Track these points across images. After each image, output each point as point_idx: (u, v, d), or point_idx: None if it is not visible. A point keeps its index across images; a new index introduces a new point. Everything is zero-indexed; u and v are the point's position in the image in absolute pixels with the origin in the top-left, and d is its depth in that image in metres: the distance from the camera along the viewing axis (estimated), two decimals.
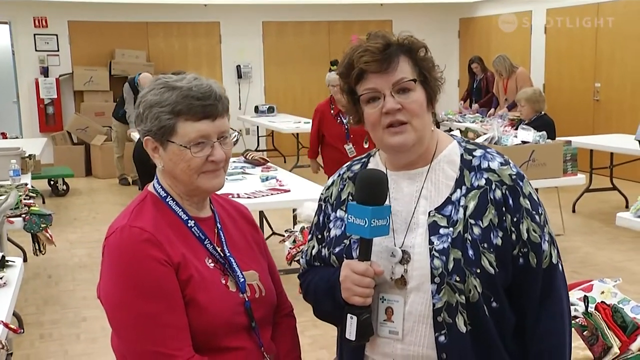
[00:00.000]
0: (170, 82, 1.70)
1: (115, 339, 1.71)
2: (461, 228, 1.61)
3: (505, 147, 5.49)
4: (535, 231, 1.64)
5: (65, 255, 6.59)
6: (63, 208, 8.66)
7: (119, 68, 11.18)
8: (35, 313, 5.17)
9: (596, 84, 10.01)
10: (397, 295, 1.65)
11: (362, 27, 11.77)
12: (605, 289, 2.67)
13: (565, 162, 5.77)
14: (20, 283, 3.35)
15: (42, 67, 11.21)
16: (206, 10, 11.72)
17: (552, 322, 1.66)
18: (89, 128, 10.84)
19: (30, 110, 11.28)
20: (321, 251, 1.80)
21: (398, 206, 1.69)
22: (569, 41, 10.42)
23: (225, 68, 12.14)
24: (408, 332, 1.64)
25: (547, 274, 1.65)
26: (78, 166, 10.60)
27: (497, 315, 1.61)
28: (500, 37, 11.65)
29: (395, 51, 1.63)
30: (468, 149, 1.71)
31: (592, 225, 7.36)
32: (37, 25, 11.17)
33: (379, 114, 1.63)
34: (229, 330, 1.71)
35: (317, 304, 1.80)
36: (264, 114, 11.55)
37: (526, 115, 6.87)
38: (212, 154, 1.70)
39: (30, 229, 4.55)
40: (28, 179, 5.88)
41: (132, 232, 1.66)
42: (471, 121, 9.63)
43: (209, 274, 1.72)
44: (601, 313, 2.39)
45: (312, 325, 4.37)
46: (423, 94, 1.66)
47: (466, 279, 1.58)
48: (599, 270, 5.74)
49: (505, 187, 1.64)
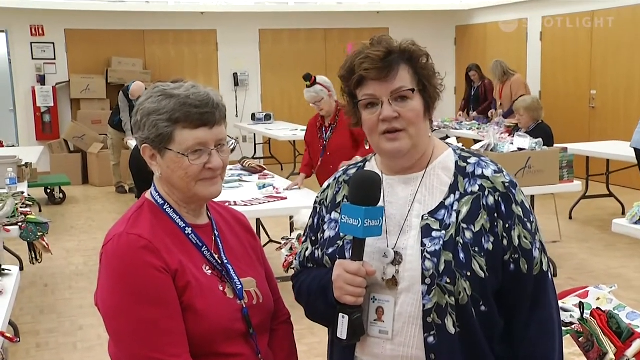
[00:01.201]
0: (168, 90, 1.71)
1: (113, 346, 1.71)
2: (453, 231, 1.64)
3: (502, 154, 5.47)
4: (527, 238, 1.66)
5: (61, 264, 6.58)
6: (60, 216, 8.64)
7: (115, 76, 11.16)
8: (32, 322, 5.15)
9: (592, 91, 10.03)
10: (388, 295, 1.67)
11: (358, 35, 11.78)
12: (600, 295, 2.68)
13: (561, 169, 5.76)
14: (17, 292, 3.34)
15: (39, 75, 11.19)
16: (203, 18, 11.72)
17: (541, 327, 1.68)
18: (86, 136, 10.83)
19: (27, 118, 11.26)
20: (314, 253, 1.83)
21: (392, 209, 1.72)
22: (564, 48, 10.45)
23: (222, 76, 12.14)
24: (398, 332, 1.66)
25: (538, 280, 1.68)
26: (75, 174, 10.59)
27: (485, 318, 1.64)
28: (497, 45, 11.67)
29: (396, 59, 1.65)
30: (463, 157, 1.74)
31: (589, 231, 7.37)
32: (34, 33, 11.16)
33: (377, 120, 1.67)
34: (227, 336, 1.72)
35: (309, 304, 1.82)
36: (261, 122, 11.55)
37: (525, 124, 6.87)
38: (210, 162, 1.71)
39: (26, 237, 4.53)
40: (25, 187, 5.86)
41: (129, 239, 1.67)
42: (468, 128, 9.65)
43: (206, 280, 1.72)
44: (597, 319, 2.40)
45: (309, 333, 4.41)
46: (421, 102, 1.68)
47: (456, 281, 1.60)
48: (595, 277, 5.74)
49: (498, 194, 1.67)
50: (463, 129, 9.68)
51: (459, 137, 9.06)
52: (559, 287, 2.35)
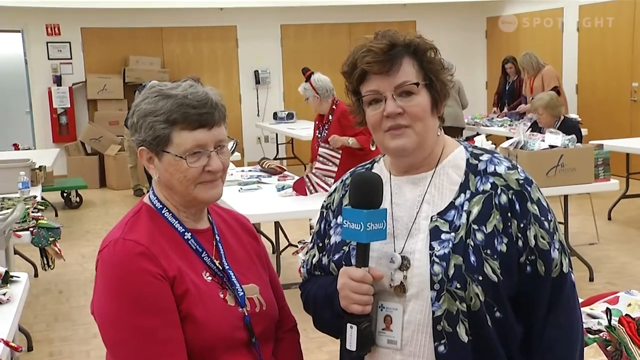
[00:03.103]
0: (165, 90, 1.70)
1: (109, 356, 1.69)
2: (463, 233, 1.59)
3: (532, 152, 5.33)
4: (544, 238, 1.60)
5: (77, 270, 6.50)
6: (76, 220, 8.59)
7: (133, 75, 11.01)
8: (46, 330, 5.09)
9: (633, 84, 9.63)
10: (395, 303, 1.63)
11: (385, 29, 11.37)
12: (632, 301, 2.57)
13: (596, 167, 5.54)
14: (27, 299, 3.28)
15: (55, 76, 11.08)
16: (222, 14, 11.52)
17: (559, 332, 1.61)
18: (103, 138, 10.74)
19: (44, 120, 11.19)
20: (322, 260, 1.80)
21: (400, 212, 1.68)
22: (603, 39, 10.03)
23: (243, 73, 11.94)
24: (407, 341, 1.62)
25: (557, 283, 1.61)
26: (92, 177, 10.52)
27: (500, 325, 1.58)
28: (530, 36, 11.28)
29: (400, 52, 1.62)
30: (474, 154, 1.69)
31: (630, 233, 7.12)
32: (50, 32, 11.06)
33: (380, 116, 1.63)
34: (228, 346, 1.69)
35: (316, 314, 1.79)
36: (283, 121, 11.34)
37: (546, 124, 6.60)
38: (209, 164, 1.70)
39: (38, 242, 4.44)
40: (38, 191, 5.81)
41: (125, 245, 1.65)
42: (499, 125, 9.30)
43: (206, 287, 1.70)
44: (625, 327, 2.33)
45: (330, 341, 4.19)
46: (428, 97, 1.63)
47: (467, 286, 1.55)
48: (636, 281, 5.51)
49: (511, 191, 1.61)
50: (494, 126, 9.34)
51: (489, 134, 8.79)
52: (596, 292, 2.23)
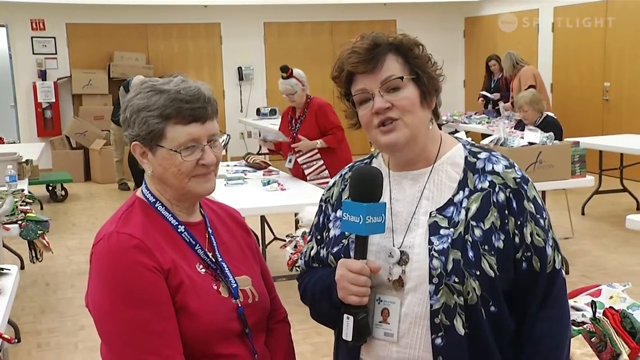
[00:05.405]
0: (158, 86, 1.70)
1: (105, 349, 1.69)
2: (462, 229, 1.60)
3: (512, 149, 5.45)
4: (539, 235, 1.63)
5: (63, 262, 6.52)
6: (62, 214, 8.60)
7: (118, 71, 11.06)
8: (33, 322, 5.10)
9: (605, 83, 9.86)
10: (393, 296, 1.64)
11: (366, 27, 11.33)
12: (614, 293, 2.62)
13: (573, 164, 5.71)
14: (17, 291, 3.31)
15: (40, 71, 11.09)
16: (206, 11, 11.58)
17: (550, 325, 1.64)
18: (88, 132, 10.76)
19: (28, 114, 11.17)
20: (320, 252, 1.81)
21: (399, 207, 1.69)
22: (577, 39, 10.27)
23: (227, 70, 12.01)
24: (404, 334, 1.63)
25: (550, 279, 1.64)
26: (77, 171, 10.53)
27: (494, 319, 1.60)
28: (507, 36, 11.50)
29: (383, 50, 1.63)
30: (473, 152, 1.71)
31: (602, 228, 7.26)
32: (35, 27, 11.06)
33: (370, 114, 1.64)
34: (222, 336, 1.70)
35: (313, 305, 1.80)
36: (266, 117, 11.38)
37: (531, 120, 6.78)
38: (203, 158, 1.71)
39: (26, 235, 4.51)
40: (25, 184, 5.83)
41: (120, 238, 1.66)
42: (477, 122, 9.51)
43: (200, 279, 1.71)
44: (609, 319, 2.35)
45: (314, 333, 4.39)
46: (415, 91, 1.64)
47: (465, 281, 1.57)
48: (609, 274, 5.67)
49: (509, 190, 1.63)
50: (472, 123, 9.56)
51: (468, 131, 8.97)
52: (572, 284, 2.33)
